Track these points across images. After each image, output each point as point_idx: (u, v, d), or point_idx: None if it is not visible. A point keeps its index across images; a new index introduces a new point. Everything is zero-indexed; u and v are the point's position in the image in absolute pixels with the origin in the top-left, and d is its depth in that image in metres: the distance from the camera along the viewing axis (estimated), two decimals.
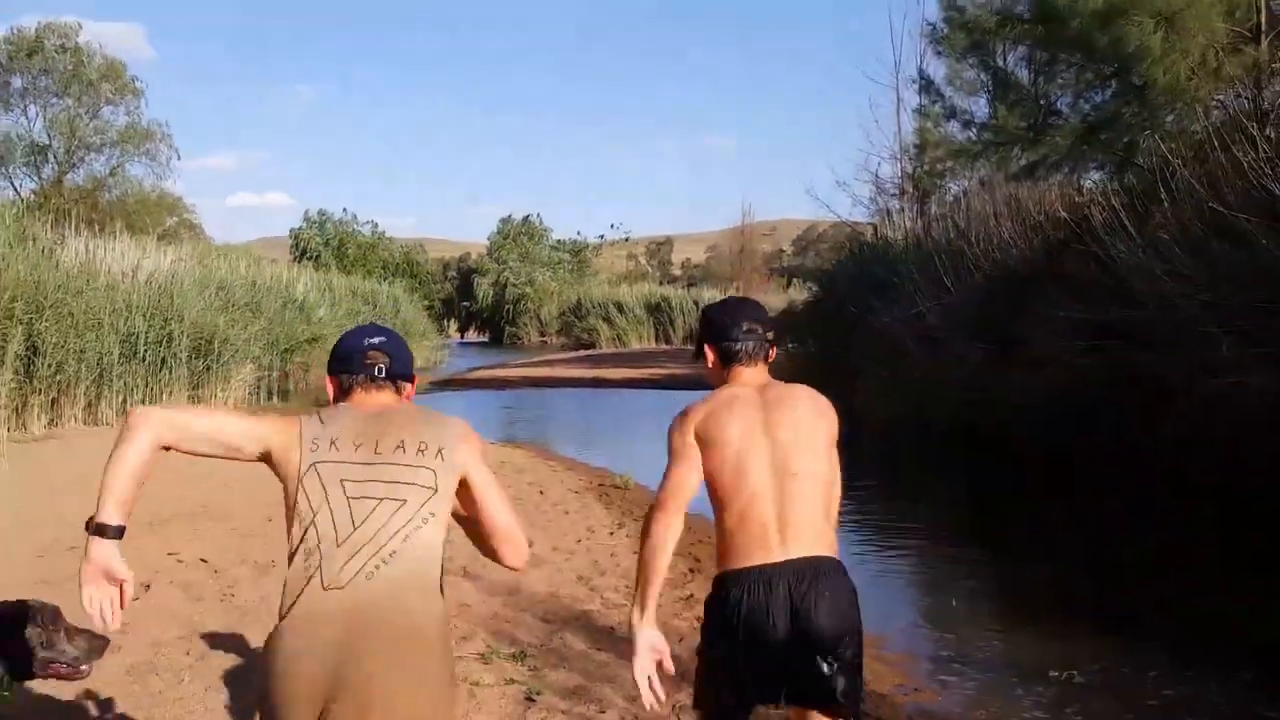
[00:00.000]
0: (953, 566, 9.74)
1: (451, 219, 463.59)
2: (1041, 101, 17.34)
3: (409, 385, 3.11)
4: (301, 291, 31.98)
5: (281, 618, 2.72)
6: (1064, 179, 17.20)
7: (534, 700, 5.42)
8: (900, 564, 9.83)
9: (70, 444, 14.94)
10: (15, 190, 44.66)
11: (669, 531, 3.20)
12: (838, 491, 3.45)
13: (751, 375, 3.44)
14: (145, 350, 18.37)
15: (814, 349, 26.53)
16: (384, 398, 3.00)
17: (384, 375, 3.01)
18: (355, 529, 2.72)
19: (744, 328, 3.46)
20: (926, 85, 23.43)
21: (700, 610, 3.69)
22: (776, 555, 3.14)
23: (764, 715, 3.77)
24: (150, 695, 5.34)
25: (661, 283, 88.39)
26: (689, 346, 49.84)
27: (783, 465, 3.23)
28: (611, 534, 9.91)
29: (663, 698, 3.27)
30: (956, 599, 8.23)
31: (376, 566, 2.71)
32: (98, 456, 10.47)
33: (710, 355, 3.54)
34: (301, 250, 66.58)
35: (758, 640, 3.10)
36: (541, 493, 12.00)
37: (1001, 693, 6.08)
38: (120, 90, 45.28)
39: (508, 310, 77.01)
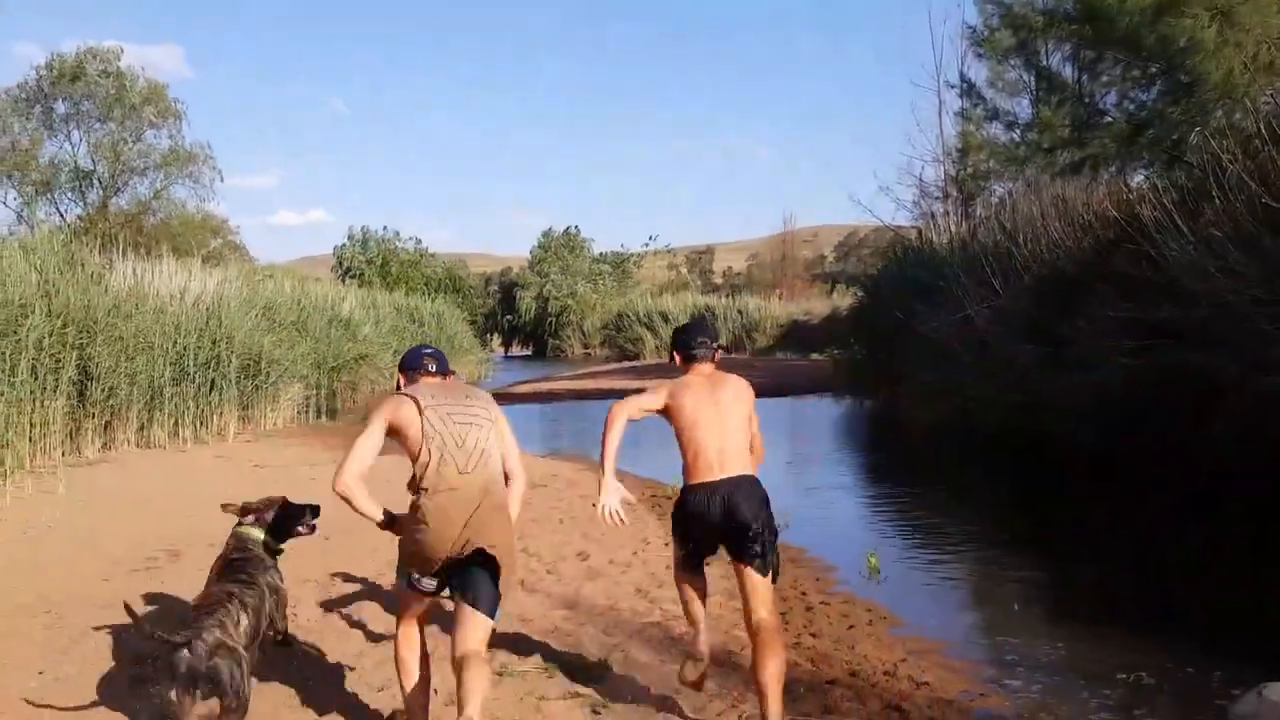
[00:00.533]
0: (1010, 571, 9.65)
1: (492, 233, 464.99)
2: (1086, 100, 17.21)
3: (452, 375, 5.39)
4: (347, 310, 32.14)
5: (426, 491, 4.72)
6: (1111, 178, 17.04)
7: (599, 714, 5.43)
8: (957, 570, 9.76)
9: (124, 467, 15.07)
10: (61, 216, 45.23)
11: (624, 420, 5.46)
12: (758, 437, 5.58)
13: (702, 368, 5.64)
14: (195, 372, 18.51)
15: (859, 355, 26.43)
16: (434, 379, 5.20)
17: (435, 370, 5.24)
18: (463, 441, 4.78)
19: (698, 341, 5.69)
20: (968, 88, 23.37)
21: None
22: (717, 475, 5.27)
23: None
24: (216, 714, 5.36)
25: (704, 292, 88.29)
26: (735, 355, 49.80)
27: (721, 424, 5.36)
28: (666, 544, 9.83)
29: (625, 521, 5.64)
30: (1016, 603, 8.15)
31: (480, 464, 4.80)
32: (151, 479, 10.75)
33: (679, 358, 5.73)
34: (345, 269, 66.92)
35: (704, 520, 5.31)
36: (594, 505, 11.96)
37: (1068, 696, 6.01)
38: (163, 113, 45.74)
39: (550, 323, 77.09)
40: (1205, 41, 13.10)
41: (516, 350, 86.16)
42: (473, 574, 4.78)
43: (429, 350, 5.41)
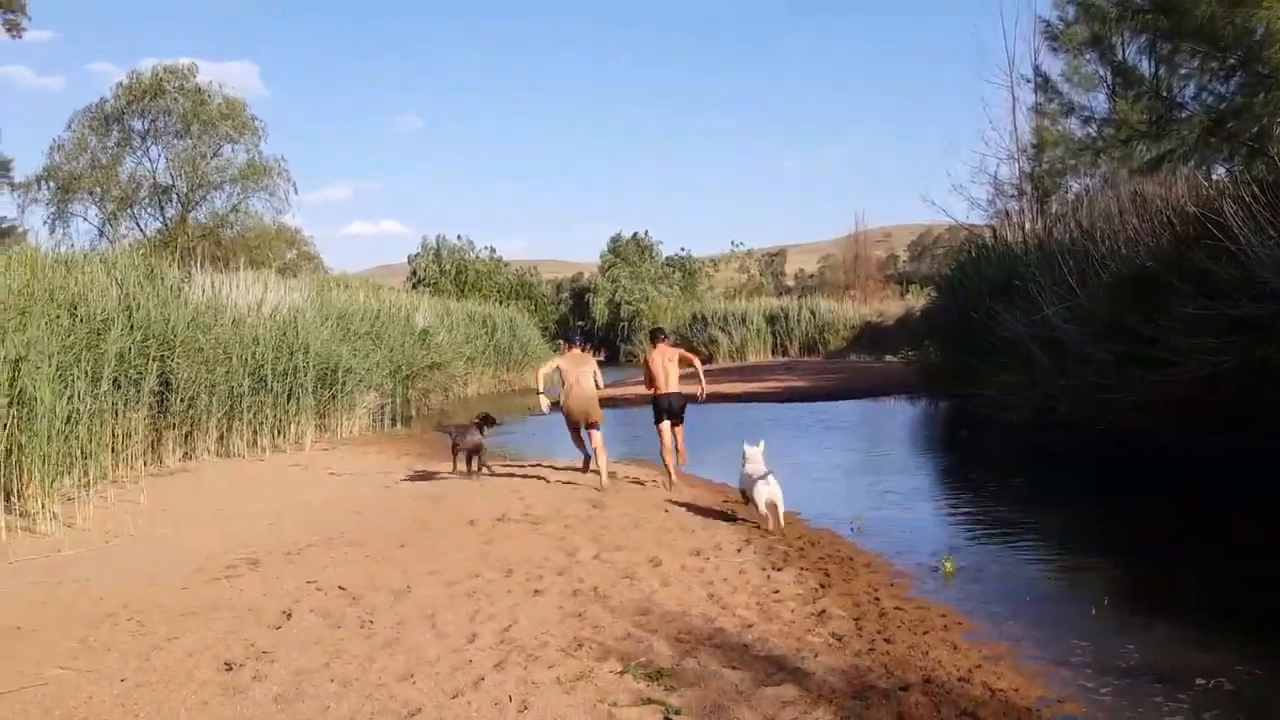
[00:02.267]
0: (1088, 573, 9.52)
1: (564, 240, 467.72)
2: (1164, 94, 16.86)
3: (582, 346, 15.12)
4: (421, 319, 32.37)
5: (565, 395, 14.01)
6: (1190, 172, 16.71)
7: None
8: (1034, 572, 9.62)
9: (203, 476, 15.34)
10: (141, 230, 46.11)
11: (648, 375, 14.57)
12: (696, 362, 15.16)
13: (663, 346, 14.42)
14: (273, 382, 18.77)
15: (934, 356, 26.15)
16: (576, 350, 14.66)
17: (577, 344, 14.99)
18: (577, 379, 13.98)
19: (658, 334, 15.02)
20: (1043, 82, 23.01)
21: (833, 625, 7.29)
22: (666, 390, 14.16)
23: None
24: None
25: (776, 294, 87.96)
26: (808, 358, 49.52)
27: (666, 368, 14.14)
28: (739, 550, 9.85)
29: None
30: (1094, 606, 8.01)
31: (581, 388, 13.94)
32: (230, 488, 11.03)
33: (650, 342, 14.89)
34: (419, 278, 67.51)
35: (661, 406, 14.18)
36: (665, 511, 11.99)
37: (1145, 702, 5.91)
38: (239, 128, 46.48)
39: (622, 328, 77.33)
40: None
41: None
42: (590, 430, 14.12)
43: (575, 336, 15.68)
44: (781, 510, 10.89)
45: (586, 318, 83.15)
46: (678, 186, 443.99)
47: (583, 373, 13.96)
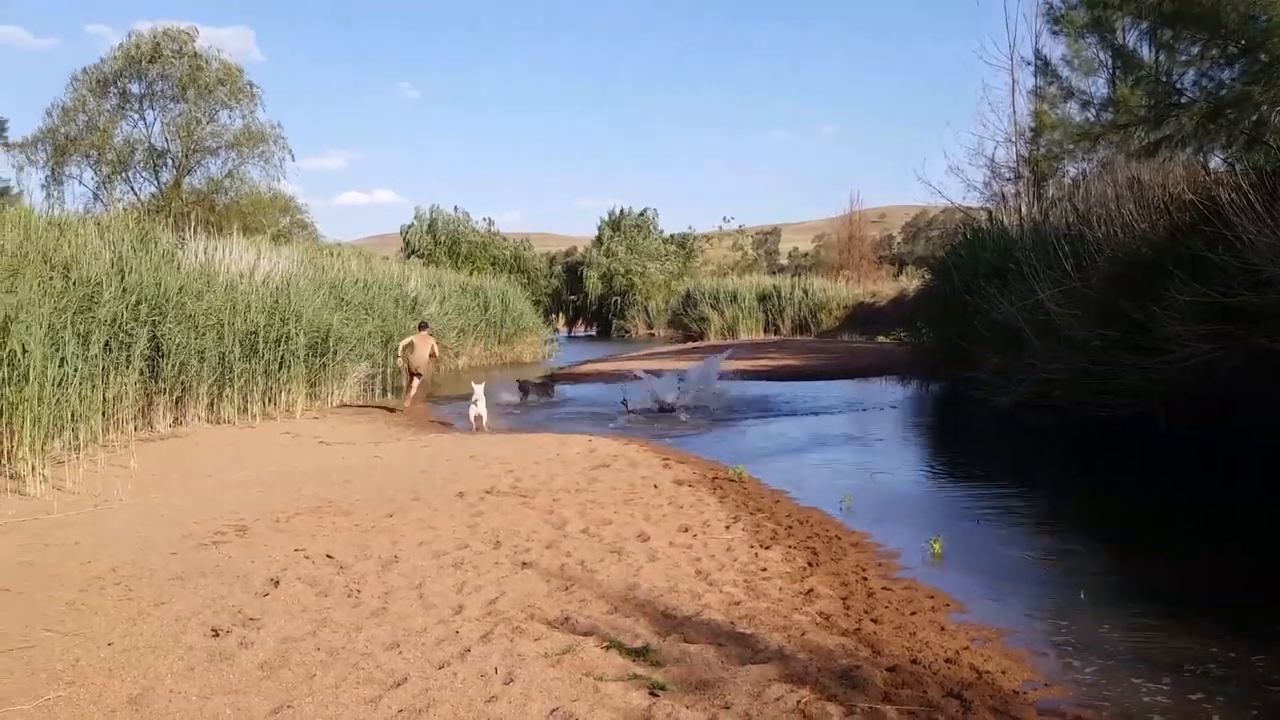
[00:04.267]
0: (1078, 557, 9.54)
1: (557, 214, 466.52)
2: (1164, 80, 16.82)
3: (427, 330, 22.97)
4: (412, 290, 32.31)
5: (409, 354, 22.21)
6: (1188, 159, 16.70)
7: (657, 695, 5.39)
8: (1023, 555, 9.63)
9: (194, 442, 15.30)
10: (135, 194, 45.88)
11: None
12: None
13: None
14: (265, 349, 18.70)
15: (928, 338, 26.15)
16: (425, 333, 22.35)
17: (425, 330, 22.60)
18: (418, 348, 21.96)
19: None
20: (1043, 66, 22.96)
21: (820, 604, 7.20)
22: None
23: None
24: (283, 689, 5.42)
25: (770, 272, 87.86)
26: (798, 337, 49.61)
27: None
28: (728, 528, 9.84)
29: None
30: (1083, 590, 8.02)
31: (419, 353, 21.90)
32: (220, 455, 11.04)
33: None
34: (411, 249, 67.18)
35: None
36: (655, 487, 11.97)
37: (1131, 687, 5.93)
38: (236, 94, 46.24)
39: (615, 303, 77.17)
40: None
41: (580, 330, 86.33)
42: (416, 378, 22.14)
43: (426, 325, 23.22)
44: (485, 421, 18.34)
45: (579, 291, 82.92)
46: (674, 163, 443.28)
47: (422, 345, 21.68)
